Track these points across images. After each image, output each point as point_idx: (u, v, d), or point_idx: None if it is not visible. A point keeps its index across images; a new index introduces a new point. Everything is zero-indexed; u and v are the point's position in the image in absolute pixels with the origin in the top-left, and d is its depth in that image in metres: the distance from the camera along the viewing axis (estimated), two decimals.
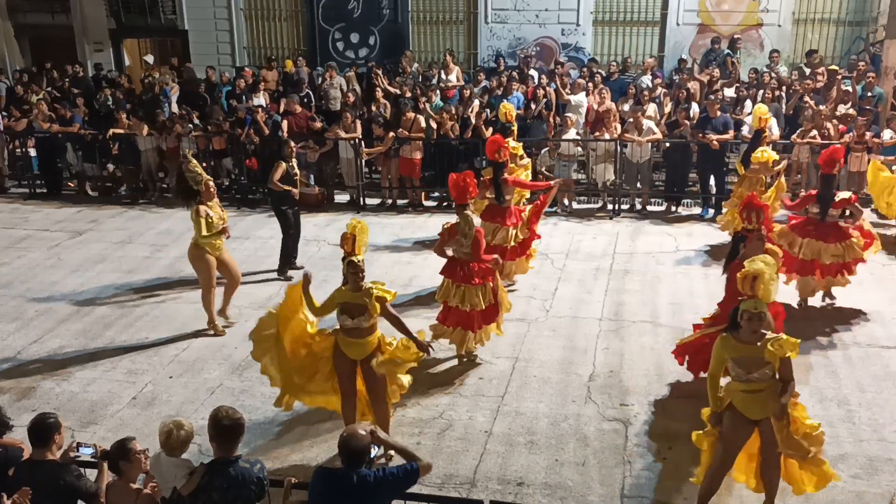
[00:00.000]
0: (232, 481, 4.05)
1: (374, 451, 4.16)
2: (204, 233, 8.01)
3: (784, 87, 13.45)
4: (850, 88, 12.85)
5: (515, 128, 10.96)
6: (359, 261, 5.83)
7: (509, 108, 10.86)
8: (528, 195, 10.34)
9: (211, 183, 8.28)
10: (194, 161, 8.37)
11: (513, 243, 9.00)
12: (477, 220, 7.91)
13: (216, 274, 8.33)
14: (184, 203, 8.49)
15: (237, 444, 4.17)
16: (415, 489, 5.50)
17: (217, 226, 8.13)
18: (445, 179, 13.26)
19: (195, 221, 8.03)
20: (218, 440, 4.14)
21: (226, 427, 4.12)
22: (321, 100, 14.62)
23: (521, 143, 10.63)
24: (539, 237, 9.49)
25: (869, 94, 12.59)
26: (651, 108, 12.91)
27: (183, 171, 8.16)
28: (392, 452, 4.55)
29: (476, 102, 13.26)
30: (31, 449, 4.91)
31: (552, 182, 9.88)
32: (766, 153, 10.14)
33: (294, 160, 9.94)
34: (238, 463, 4.12)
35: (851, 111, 12.13)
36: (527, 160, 10.77)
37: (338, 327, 5.97)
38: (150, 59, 17.77)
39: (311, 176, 13.11)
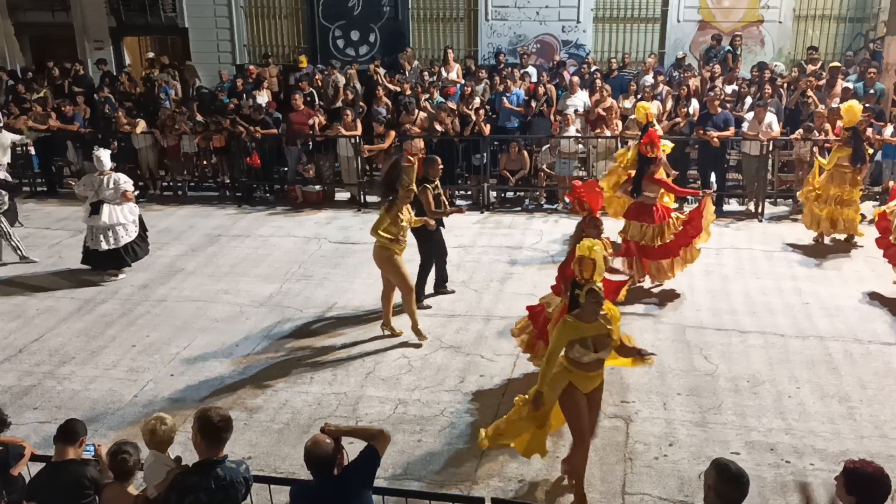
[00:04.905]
0: (220, 481, 4.04)
1: None
2: (383, 227, 7.72)
3: (786, 84, 13.41)
4: (850, 85, 12.80)
5: (656, 127, 10.12)
6: (600, 289, 5.17)
7: (648, 108, 9.74)
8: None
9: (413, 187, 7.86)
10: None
11: (658, 243, 8.81)
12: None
13: (408, 271, 8.01)
14: (383, 196, 7.97)
15: (225, 443, 4.15)
16: (416, 487, 5.53)
17: (403, 226, 7.84)
18: (445, 177, 13.37)
19: (381, 215, 7.80)
20: (209, 439, 4.09)
21: (217, 426, 4.08)
22: (321, 97, 14.61)
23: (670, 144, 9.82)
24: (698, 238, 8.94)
25: (871, 91, 12.56)
26: (654, 106, 12.88)
27: (398, 167, 7.76)
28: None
29: (476, 100, 13.23)
30: (33, 447, 4.94)
31: (700, 192, 9.31)
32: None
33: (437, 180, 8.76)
34: (225, 463, 4.10)
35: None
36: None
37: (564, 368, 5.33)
38: (151, 55, 17.77)
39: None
